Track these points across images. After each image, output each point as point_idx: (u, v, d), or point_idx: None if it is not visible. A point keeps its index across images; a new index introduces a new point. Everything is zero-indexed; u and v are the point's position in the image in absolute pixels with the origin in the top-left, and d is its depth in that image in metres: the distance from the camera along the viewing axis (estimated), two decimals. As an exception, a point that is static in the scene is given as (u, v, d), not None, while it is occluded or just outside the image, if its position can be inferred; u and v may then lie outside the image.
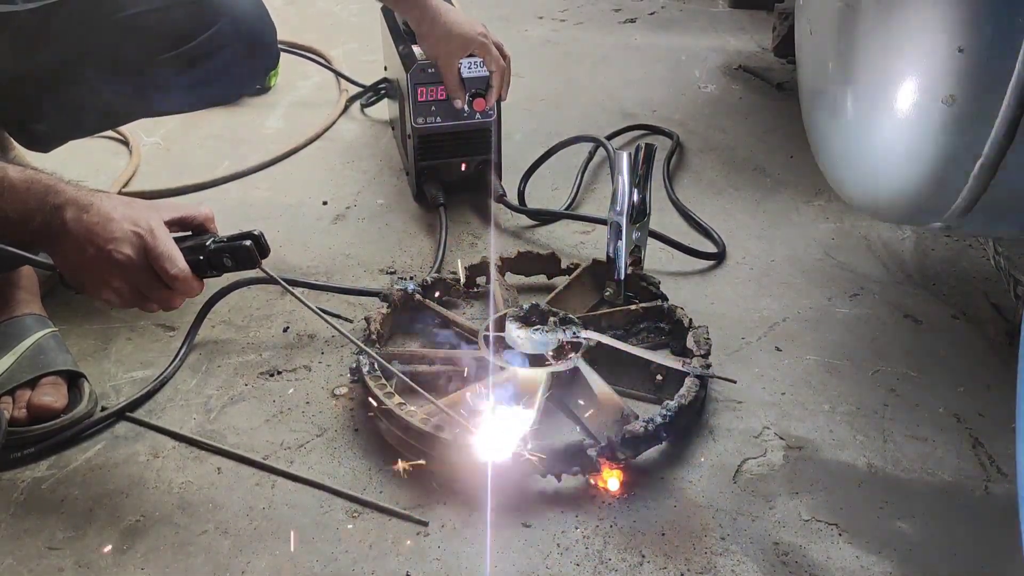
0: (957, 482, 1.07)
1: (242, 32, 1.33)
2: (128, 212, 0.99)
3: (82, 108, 1.39)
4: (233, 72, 1.37)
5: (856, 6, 1.04)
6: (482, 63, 1.49)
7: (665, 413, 1.07)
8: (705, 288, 1.41)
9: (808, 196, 1.64)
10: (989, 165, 0.98)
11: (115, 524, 1.02)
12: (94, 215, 0.97)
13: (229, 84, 1.39)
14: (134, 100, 1.44)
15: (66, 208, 0.97)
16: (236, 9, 1.33)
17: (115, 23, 1.28)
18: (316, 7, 2.44)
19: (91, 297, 1.03)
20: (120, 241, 0.96)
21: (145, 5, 1.29)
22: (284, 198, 1.64)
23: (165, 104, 1.50)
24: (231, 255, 1.02)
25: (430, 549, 0.99)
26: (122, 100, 1.44)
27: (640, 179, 1.27)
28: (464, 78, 1.50)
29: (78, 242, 0.96)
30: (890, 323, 1.33)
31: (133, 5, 1.29)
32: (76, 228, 0.96)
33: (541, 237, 1.53)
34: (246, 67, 1.39)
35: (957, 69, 0.95)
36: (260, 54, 1.38)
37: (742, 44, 2.26)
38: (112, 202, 0.99)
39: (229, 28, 1.32)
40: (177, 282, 0.99)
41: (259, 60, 1.40)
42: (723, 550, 0.99)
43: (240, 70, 1.38)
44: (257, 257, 1.03)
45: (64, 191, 0.98)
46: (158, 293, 1.00)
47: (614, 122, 1.87)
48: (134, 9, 1.29)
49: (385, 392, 1.11)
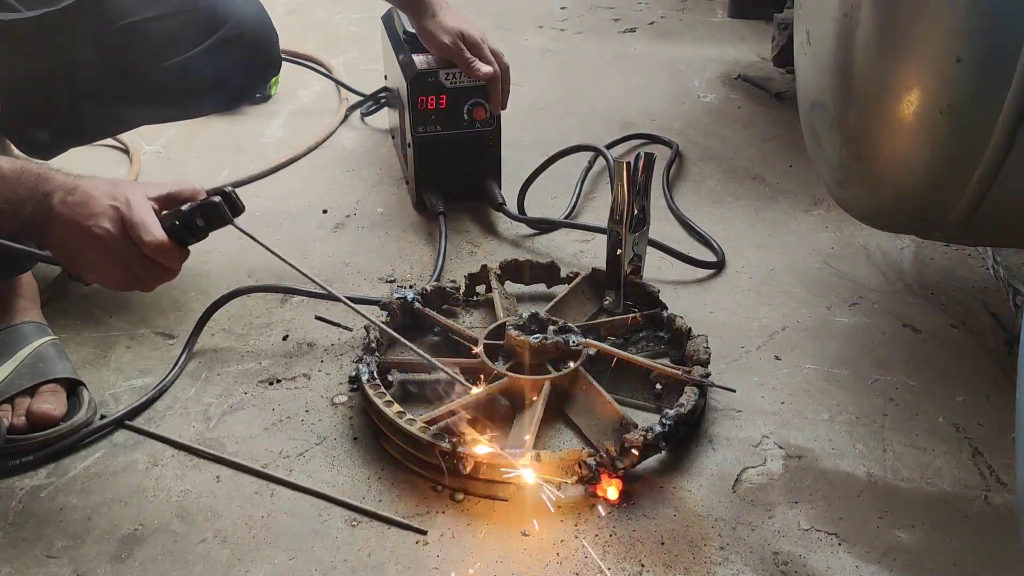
0: (956, 492, 1.07)
1: (245, 39, 1.33)
2: (109, 189, 0.99)
3: (84, 115, 1.39)
4: (235, 79, 1.38)
5: (855, 16, 1.04)
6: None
7: (664, 422, 1.07)
8: (704, 297, 1.41)
9: (807, 205, 1.64)
10: (988, 174, 0.99)
11: (114, 533, 1.02)
12: (78, 196, 0.97)
13: (232, 91, 1.40)
14: (136, 107, 1.45)
15: (54, 194, 0.97)
16: (239, 16, 1.33)
17: (118, 31, 1.28)
18: (317, 16, 2.44)
19: (91, 283, 1.04)
20: (99, 216, 0.96)
21: (149, 12, 1.29)
22: (284, 206, 1.64)
23: (166, 111, 1.50)
24: (202, 214, 1.01)
25: (429, 558, 0.99)
26: (124, 107, 1.45)
27: (640, 188, 1.27)
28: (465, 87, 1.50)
29: (65, 225, 0.97)
30: (889, 332, 1.33)
31: (137, 13, 1.29)
32: (62, 211, 0.96)
33: (540, 246, 1.53)
34: (248, 74, 1.39)
35: (956, 79, 0.95)
36: (262, 61, 1.39)
37: (741, 54, 2.27)
38: (96, 182, 0.99)
39: (232, 35, 1.32)
40: (153, 249, 0.98)
41: (261, 67, 1.40)
42: (722, 559, 0.99)
43: (242, 77, 1.39)
44: (227, 213, 1.02)
45: (53, 178, 0.98)
46: (142, 265, 0.99)
47: (614, 131, 1.87)
48: (137, 16, 1.29)
49: (384, 401, 1.11)
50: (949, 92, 0.96)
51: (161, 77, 1.32)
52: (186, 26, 1.31)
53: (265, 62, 1.39)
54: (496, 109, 1.55)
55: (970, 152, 0.98)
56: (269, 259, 1.08)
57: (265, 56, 1.38)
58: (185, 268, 1.00)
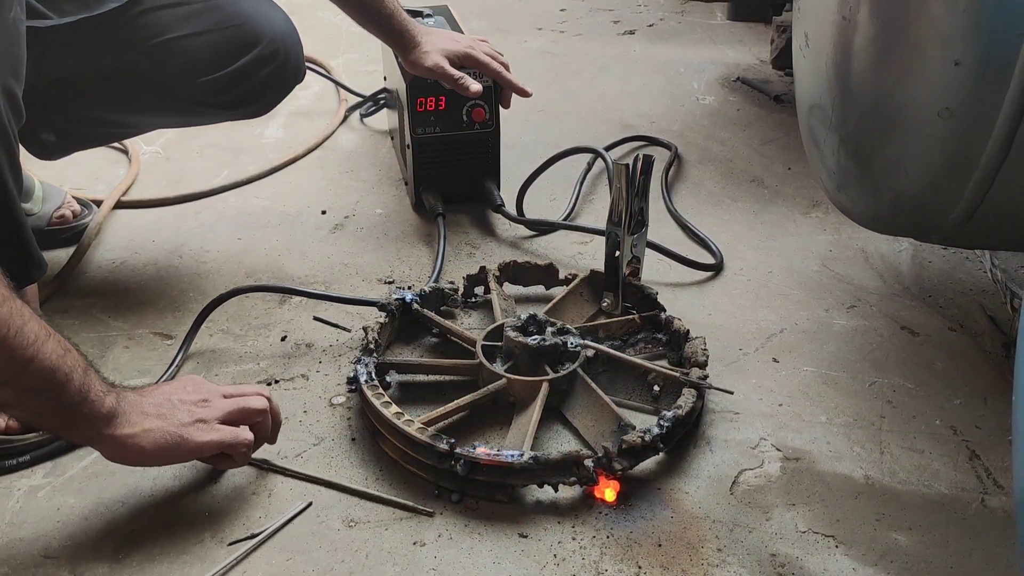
0: (954, 494, 1.07)
1: (279, 54, 1.34)
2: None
3: (103, 123, 1.40)
4: (267, 93, 1.39)
5: (854, 19, 1.05)
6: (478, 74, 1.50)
7: (662, 424, 1.07)
8: (703, 299, 1.41)
9: (805, 208, 1.64)
10: (986, 177, 0.99)
11: (111, 533, 1.02)
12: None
13: (261, 103, 1.40)
14: (161, 117, 1.45)
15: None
16: (274, 33, 1.34)
17: (156, 47, 1.28)
18: (317, 17, 2.44)
19: None
20: None
21: (187, 29, 1.30)
22: (283, 207, 1.64)
23: (191, 120, 1.51)
24: None
25: (426, 559, 0.99)
26: (148, 117, 1.45)
27: (638, 190, 1.27)
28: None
29: None
30: (887, 335, 1.33)
31: (175, 29, 1.29)
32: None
33: (539, 247, 1.54)
34: (278, 87, 1.40)
35: (954, 82, 0.95)
36: (291, 74, 1.40)
37: (740, 56, 2.27)
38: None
39: (268, 52, 1.33)
40: None
41: (290, 79, 1.41)
42: (720, 561, 0.99)
43: (273, 91, 1.39)
44: None
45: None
46: None
47: (612, 133, 1.87)
48: (176, 33, 1.29)
49: (382, 402, 1.11)
50: (947, 95, 0.96)
51: (195, 93, 1.32)
52: (224, 43, 1.31)
53: (293, 75, 1.40)
54: (506, 104, 1.55)
55: (968, 155, 0.98)
56: (268, 259, 1.08)
57: (294, 69, 1.39)
58: (184, 268, 1.00)
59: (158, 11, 1.29)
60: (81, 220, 1.53)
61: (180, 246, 1.52)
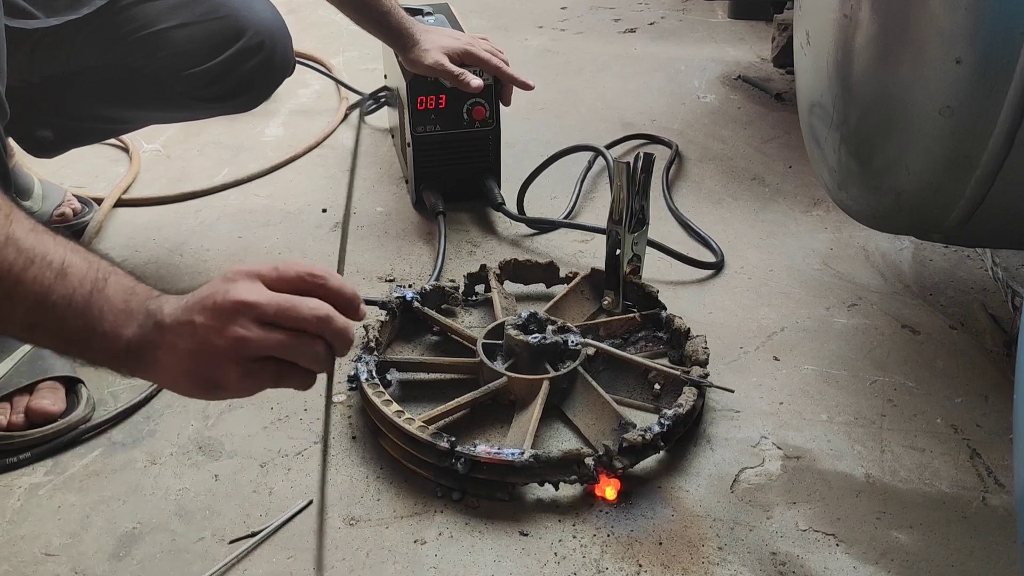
0: (954, 493, 1.07)
1: (265, 45, 1.34)
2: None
3: (96, 119, 1.39)
4: (256, 85, 1.39)
5: (855, 17, 1.04)
6: (479, 71, 1.50)
7: (663, 422, 1.07)
8: (703, 297, 1.41)
9: (806, 206, 1.64)
10: (987, 176, 0.99)
11: (112, 531, 1.02)
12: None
13: (249, 96, 1.40)
14: (152, 112, 1.45)
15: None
16: (259, 25, 1.34)
17: (142, 40, 1.29)
18: (317, 15, 2.44)
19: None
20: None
21: (172, 22, 1.30)
22: (283, 205, 1.64)
23: (182, 115, 1.51)
24: None
25: (427, 557, 0.99)
26: (140, 112, 1.45)
27: (639, 188, 1.27)
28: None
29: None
30: (888, 333, 1.33)
31: (160, 22, 1.30)
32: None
33: (540, 246, 1.53)
34: (267, 79, 1.40)
35: (955, 80, 0.95)
36: (280, 66, 1.40)
37: (741, 54, 2.27)
38: None
39: (254, 43, 1.33)
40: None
41: (278, 72, 1.41)
42: (720, 560, 0.99)
43: (261, 83, 1.39)
44: None
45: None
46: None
47: (613, 131, 1.87)
48: (161, 26, 1.30)
49: (383, 400, 1.11)
50: (948, 93, 0.96)
51: (183, 85, 1.32)
52: (209, 35, 1.31)
53: (281, 67, 1.40)
54: (507, 102, 1.55)
55: (969, 154, 0.98)
56: (268, 257, 1.08)
57: (282, 61, 1.39)
58: (184, 267, 1.00)
59: (144, 3, 1.30)
60: (81, 218, 1.53)
61: (181, 244, 1.52)
